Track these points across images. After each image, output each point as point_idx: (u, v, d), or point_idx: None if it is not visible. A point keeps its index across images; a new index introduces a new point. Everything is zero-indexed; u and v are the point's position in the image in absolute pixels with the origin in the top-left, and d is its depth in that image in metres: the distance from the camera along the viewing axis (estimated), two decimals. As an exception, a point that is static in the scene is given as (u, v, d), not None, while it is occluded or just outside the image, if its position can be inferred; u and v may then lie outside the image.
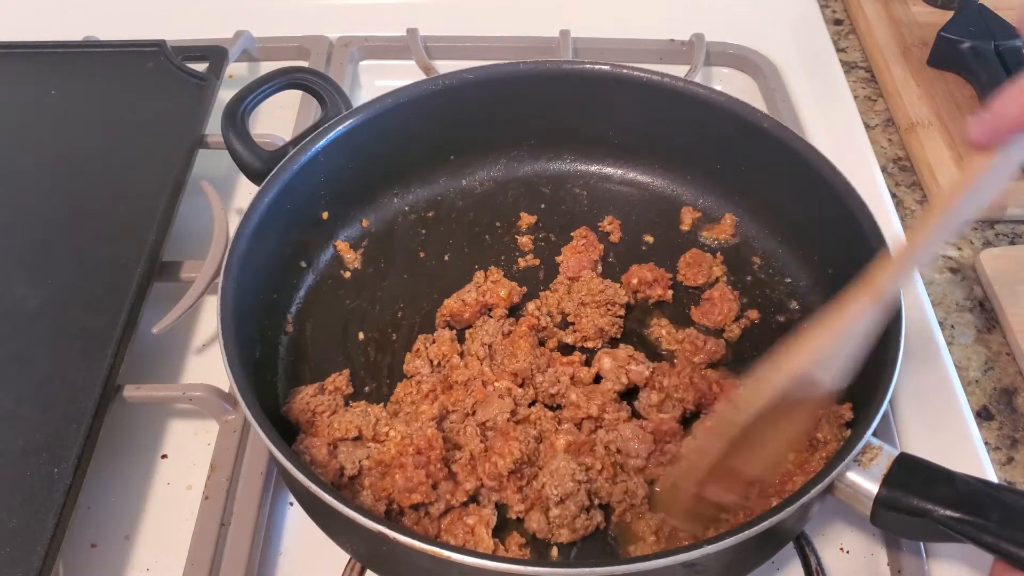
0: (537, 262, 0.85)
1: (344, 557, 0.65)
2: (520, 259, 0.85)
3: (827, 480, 0.57)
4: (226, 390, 0.73)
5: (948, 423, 0.74)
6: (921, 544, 0.66)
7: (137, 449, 0.74)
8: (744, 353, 0.78)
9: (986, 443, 0.74)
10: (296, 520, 0.70)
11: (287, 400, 0.72)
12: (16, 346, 0.72)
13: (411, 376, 0.74)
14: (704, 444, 0.60)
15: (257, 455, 0.71)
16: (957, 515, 0.56)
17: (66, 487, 0.63)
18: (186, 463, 0.74)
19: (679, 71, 0.93)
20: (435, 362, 0.75)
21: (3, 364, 0.71)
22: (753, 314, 0.80)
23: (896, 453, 0.60)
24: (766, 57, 1.09)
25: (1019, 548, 0.54)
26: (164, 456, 0.74)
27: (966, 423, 0.74)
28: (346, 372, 0.74)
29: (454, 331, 0.77)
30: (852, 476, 0.59)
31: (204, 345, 0.82)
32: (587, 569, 0.53)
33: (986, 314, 0.86)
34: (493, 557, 0.55)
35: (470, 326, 0.78)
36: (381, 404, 0.72)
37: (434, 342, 0.76)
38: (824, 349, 0.56)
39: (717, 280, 0.82)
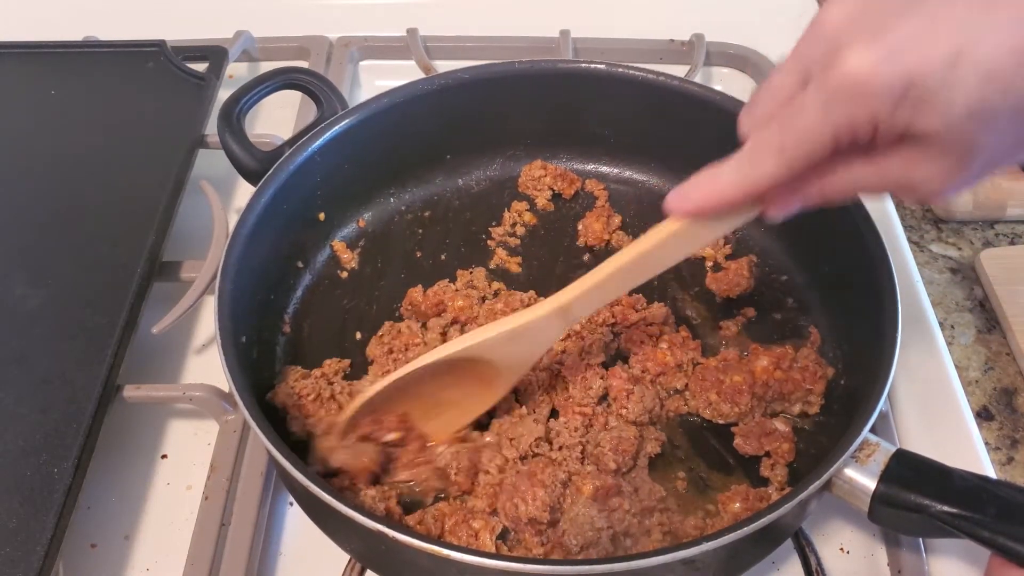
0: (532, 264, 0.85)
1: (344, 557, 0.65)
2: (514, 258, 0.85)
3: (825, 477, 0.57)
4: (226, 390, 0.73)
5: (948, 423, 0.74)
6: (921, 543, 0.66)
7: (137, 449, 0.74)
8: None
9: (986, 443, 0.74)
10: (296, 520, 0.70)
11: (272, 387, 0.72)
12: (16, 346, 0.72)
13: (372, 361, 0.76)
14: (369, 388, 0.67)
15: (257, 455, 0.71)
16: (954, 510, 0.56)
17: (66, 487, 0.63)
18: (186, 463, 0.74)
19: (679, 71, 0.93)
20: (391, 350, 0.75)
21: (3, 364, 0.71)
22: (750, 311, 0.80)
23: (893, 449, 0.60)
24: (766, 57, 1.08)
25: (1016, 543, 0.54)
26: (164, 456, 0.74)
27: (966, 423, 0.74)
28: (341, 362, 0.75)
29: (420, 323, 0.78)
30: (850, 472, 0.59)
31: (204, 345, 0.82)
32: (586, 566, 0.53)
33: (986, 314, 0.86)
34: (492, 555, 0.55)
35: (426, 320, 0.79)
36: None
37: (400, 332, 0.77)
38: (499, 340, 0.64)
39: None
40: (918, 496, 0.57)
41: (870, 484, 0.58)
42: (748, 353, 0.75)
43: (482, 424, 0.71)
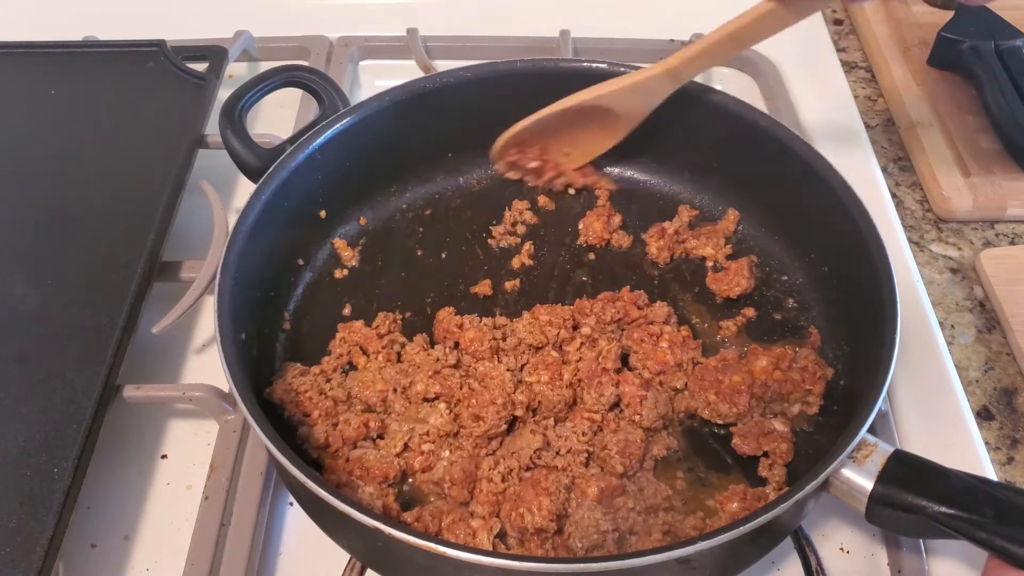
0: (531, 262, 0.85)
1: (344, 557, 0.65)
2: (515, 258, 0.85)
3: (822, 476, 0.57)
4: (226, 390, 0.73)
5: (948, 423, 0.74)
6: (921, 543, 0.66)
7: (137, 449, 0.74)
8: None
9: (986, 443, 0.75)
10: (296, 520, 0.70)
11: (270, 385, 0.72)
12: (16, 346, 0.72)
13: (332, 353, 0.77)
14: (519, 122, 0.85)
15: (257, 455, 0.71)
16: (951, 511, 0.56)
17: (66, 487, 0.63)
18: (186, 463, 0.74)
19: (679, 71, 0.93)
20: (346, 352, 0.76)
21: (3, 364, 0.71)
22: (749, 311, 0.80)
23: (891, 450, 0.60)
24: (766, 57, 1.09)
25: (1013, 544, 0.54)
26: (164, 456, 0.74)
27: (966, 423, 0.74)
28: (339, 359, 0.76)
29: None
30: (847, 473, 0.59)
31: (204, 345, 0.82)
32: (582, 564, 0.53)
33: (986, 314, 0.86)
34: (488, 552, 0.55)
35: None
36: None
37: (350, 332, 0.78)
38: (619, 92, 0.81)
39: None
40: (915, 497, 0.57)
41: (867, 485, 0.58)
42: (747, 353, 0.74)
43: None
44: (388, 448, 0.68)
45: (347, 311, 0.81)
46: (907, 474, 0.58)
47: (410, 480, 0.68)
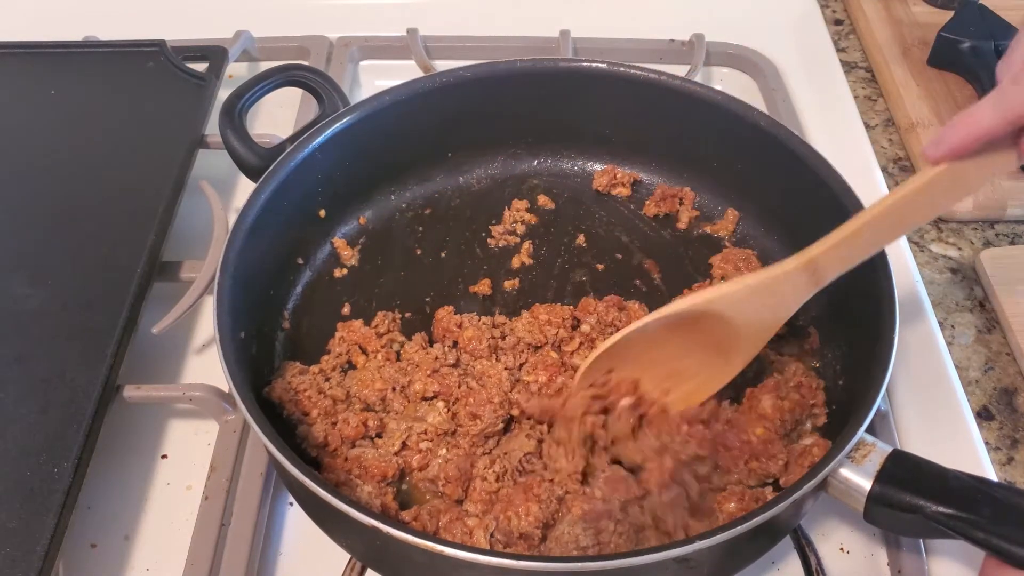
0: (531, 261, 0.85)
1: (344, 557, 0.65)
2: (515, 258, 0.85)
3: (820, 476, 0.57)
4: (226, 390, 0.73)
5: (948, 423, 0.74)
6: (921, 543, 0.66)
7: (137, 449, 0.75)
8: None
9: (986, 443, 0.75)
10: (296, 520, 0.70)
11: (269, 383, 0.72)
12: (16, 346, 0.72)
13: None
14: (613, 336, 0.66)
15: (257, 455, 0.71)
16: (949, 511, 0.56)
17: (66, 487, 0.63)
18: (186, 463, 0.74)
19: (679, 71, 0.93)
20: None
21: (3, 364, 0.71)
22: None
23: (889, 450, 0.60)
24: (766, 57, 1.09)
25: (1011, 544, 0.54)
26: (164, 456, 0.74)
27: (966, 423, 0.74)
28: (338, 358, 0.76)
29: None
30: (845, 472, 0.59)
31: (204, 345, 0.82)
32: (580, 563, 0.53)
33: (986, 314, 0.86)
34: (486, 551, 0.55)
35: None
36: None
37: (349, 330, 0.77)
38: (742, 294, 0.62)
39: None
40: (913, 497, 0.57)
41: (865, 484, 0.58)
42: (744, 400, 0.71)
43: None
44: (386, 447, 0.68)
45: (346, 310, 0.81)
46: (905, 474, 0.58)
47: (408, 478, 0.68)
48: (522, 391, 0.71)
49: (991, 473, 0.71)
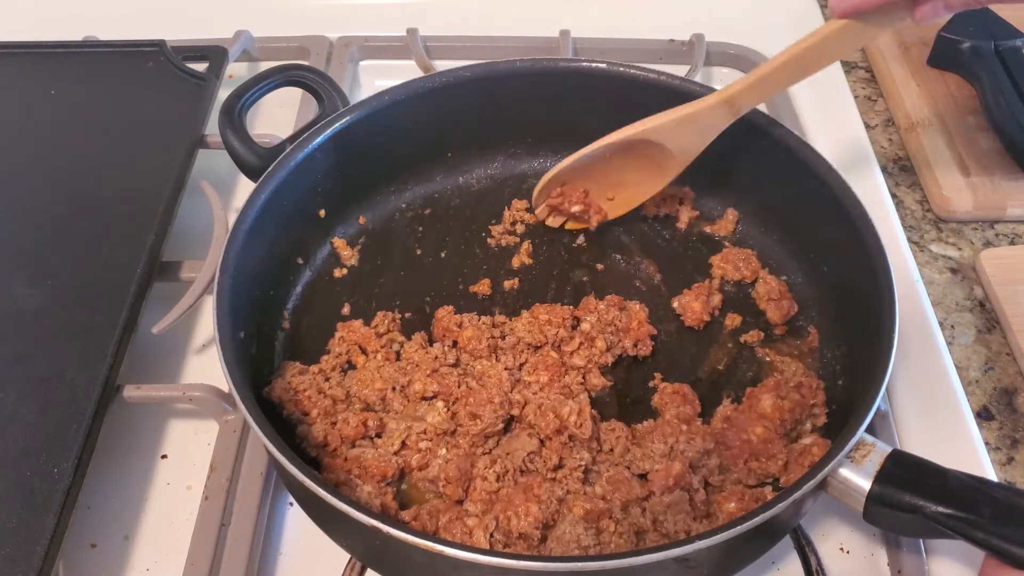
0: (530, 261, 0.85)
1: (344, 557, 0.65)
2: (515, 257, 0.85)
3: (820, 476, 0.57)
4: (226, 390, 0.73)
5: (948, 423, 0.74)
6: (921, 543, 0.66)
7: (137, 449, 0.75)
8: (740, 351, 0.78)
9: (986, 443, 0.75)
10: (296, 520, 0.70)
11: (269, 383, 0.72)
12: (16, 346, 0.72)
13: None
14: (561, 162, 0.80)
15: (257, 455, 0.71)
16: (949, 511, 0.56)
17: (66, 487, 0.63)
18: (186, 463, 0.74)
19: (679, 71, 0.93)
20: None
21: (3, 364, 0.71)
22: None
23: (889, 450, 0.60)
24: (766, 57, 1.08)
25: (1010, 544, 0.54)
26: (164, 456, 0.74)
27: (966, 423, 0.74)
28: (338, 357, 0.76)
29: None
30: (845, 472, 0.59)
31: (204, 345, 0.82)
32: (578, 563, 0.53)
33: (986, 314, 0.86)
34: (486, 551, 0.55)
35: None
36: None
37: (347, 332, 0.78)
38: (672, 124, 0.74)
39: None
40: (913, 497, 0.57)
41: (865, 484, 0.59)
42: (745, 399, 0.71)
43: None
44: (386, 447, 0.68)
45: (346, 310, 0.81)
46: (905, 474, 0.59)
47: (407, 478, 0.68)
48: (521, 391, 0.71)
49: (991, 473, 0.71)
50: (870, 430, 0.61)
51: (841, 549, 0.68)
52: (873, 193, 0.92)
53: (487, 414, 0.68)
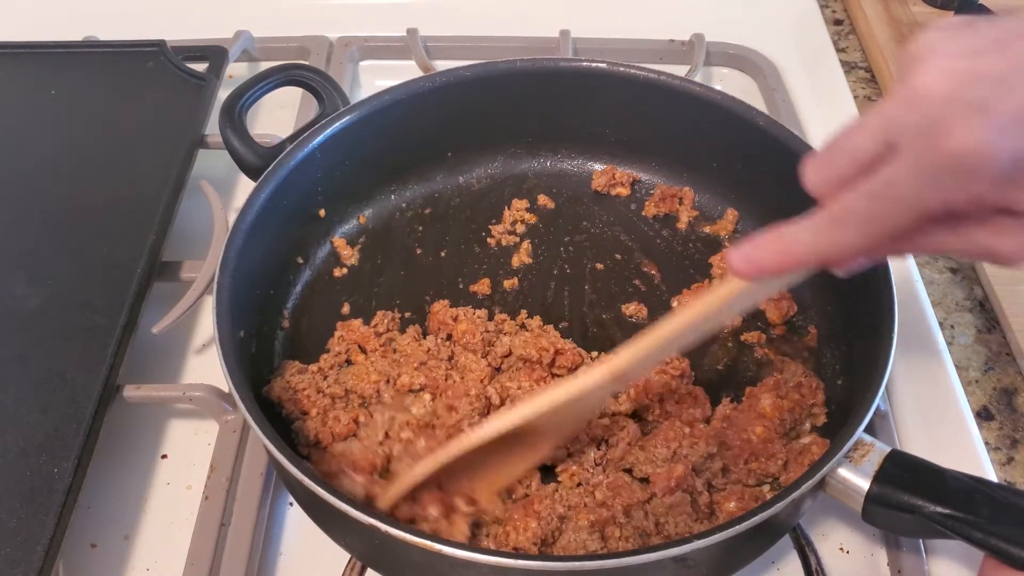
0: (530, 260, 0.85)
1: (344, 557, 0.65)
2: (514, 257, 0.86)
3: (818, 476, 0.57)
4: (226, 390, 0.73)
5: (948, 423, 0.74)
6: (921, 543, 0.66)
7: (137, 449, 0.74)
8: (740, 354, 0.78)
9: (986, 443, 0.74)
10: (296, 520, 0.70)
11: (268, 383, 0.72)
12: (16, 346, 0.72)
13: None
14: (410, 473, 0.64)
15: (257, 455, 0.71)
16: (947, 511, 0.56)
17: (66, 487, 0.63)
18: (186, 463, 0.74)
19: (679, 71, 0.93)
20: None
21: (3, 364, 0.71)
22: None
23: (888, 450, 0.60)
24: (766, 57, 1.09)
25: (1009, 544, 0.54)
26: (164, 456, 0.74)
27: (966, 423, 0.74)
28: (336, 356, 0.76)
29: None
30: (843, 472, 0.59)
31: (204, 345, 0.82)
32: (577, 563, 0.53)
33: (986, 314, 0.86)
34: (484, 550, 0.55)
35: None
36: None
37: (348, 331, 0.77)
38: (552, 409, 0.60)
39: None
40: (911, 497, 0.57)
41: (863, 484, 0.59)
42: (744, 399, 0.71)
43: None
44: (370, 437, 0.68)
45: (346, 310, 0.81)
46: (903, 474, 0.58)
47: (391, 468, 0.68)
48: (499, 388, 0.71)
49: (991, 473, 0.71)
50: (870, 430, 0.61)
51: (841, 549, 0.68)
52: (873, 193, 0.92)
53: (463, 406, 0.68)
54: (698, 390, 0.72)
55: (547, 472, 0.68)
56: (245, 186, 0.89)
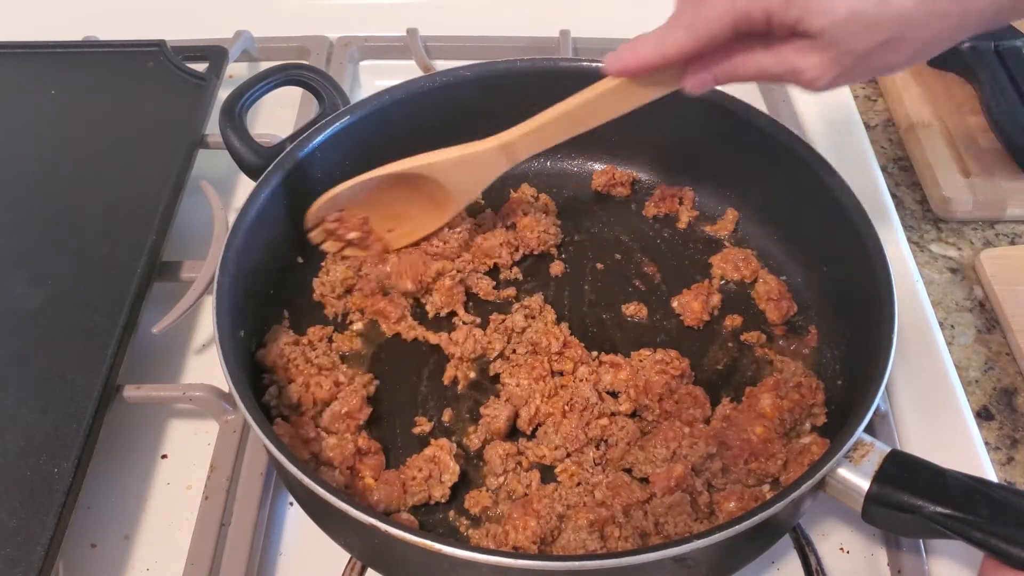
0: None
1: (344, 557, 0.65)
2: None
3: (818, 475, 0.57)
4: (226, 390, 0.73)
5: (948, 423, 0.74)
6: (921, 543, 0.66)
7: (137, 449, 0.74)
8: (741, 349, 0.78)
9: (986, 443, 0.75)
10: (296, 520, 0.70)
11: (263, 344, 0.74)
12: (16, 346, 0.72)
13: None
14: (340, 185, 0.77)
15: (257, 455, 0.71)
16: (947, 511, 0.56)
17: (66, 487, 0.63)
18: (186, 463, 0.74)
19: (679, 71, 0.93)
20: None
21: (3, 364, 0.71)
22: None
23: (887, 450, 0.60)
24: (766, 57, 1.08)
25: (1009, 544, 0.54)
26: (164, 456, 0.74)
27: (966, 423, 0.74)
28: (324, 328, 0.78)
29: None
30: (843, 472, 0.59)
31: (204, 345, 0.82)
32: (578, 562, 0.53)
33: (986, 314, 0.86)
34: (483, 550, 0.55)
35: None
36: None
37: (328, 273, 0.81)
38: (448, 164, 0.75)
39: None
40: (911, 497, 0.57)
41: (863, 484, 0.59)
42: (744, 398, 0.71)
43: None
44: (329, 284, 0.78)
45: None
46: (903, 474, 0.59)
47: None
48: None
49: (991, 473, 0.71)
50: (870, 430, 0.61)
51: (841, 549, 0.68)
52: (873, 193, 0.92)
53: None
54: (698, 390, 0.72)
55: (547, 472, 0.69)
56: (245, 186, 0.89)
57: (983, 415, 0.78)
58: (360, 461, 0.68)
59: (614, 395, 0.72)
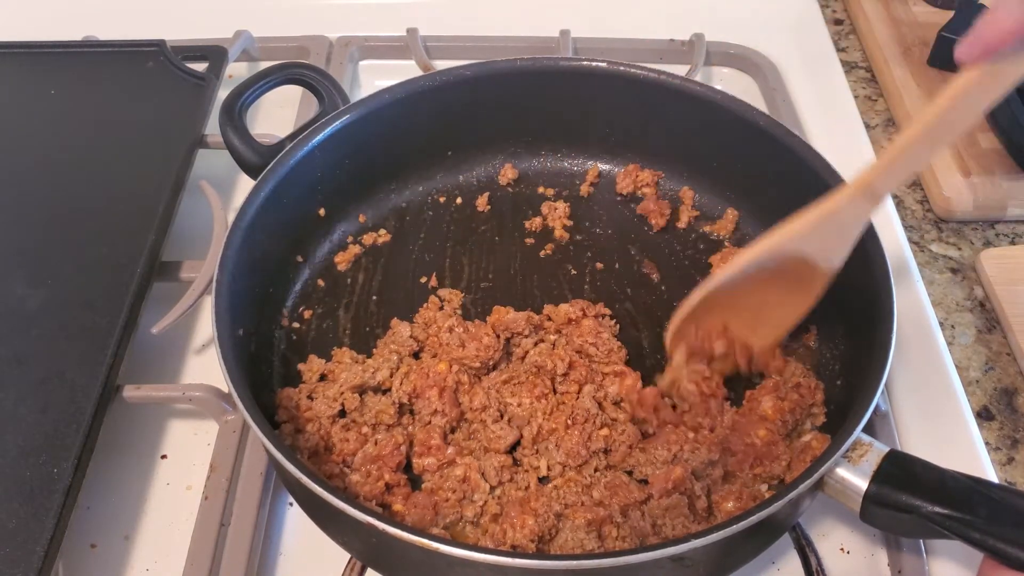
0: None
1: (344, 557, 0.65)
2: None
3: (816, 475, 0.57)
4: (225, 390, 0.73)
5: (948, 423, 0.74)
6: (921, 543, 0.66)
7: (137, 449, 0.75)
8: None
9: (986, 443, 0.75)
10: (296, 520, 0.70)
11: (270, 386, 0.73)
12: (16, 346, 0.72)
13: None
14: (691, 296, 0.69)
15: (257, 455, 0.71)
16: (946, 511, 0.56)
17: (66, 487, 0.63)
18: (186, 463, 0.74)
19: (679, 71, 0.93)
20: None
21: (3, 364, 0.71)
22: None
23: (886, 450, 0.60)
24: (766, 57, 1.09)
25: (1007, 545, 0.54)
26: (164, 456, 0.74)
27: (966, 423, 0.74)
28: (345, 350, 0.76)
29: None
30: (842, 472, 0.59)
31: (204, 345, 0.82)
32: (575, 561, 0.53)
33: (986, 314, 0.86)
34: (481, 549, 0.55)
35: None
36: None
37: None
38: (807, 229, 0.64)
39: None
40: (910, 497, 0.57)
41: (862, 484, 0.59)
42: (745, 402, 0.71)
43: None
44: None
45: (344, 309, 0.81)
46: (902, 474, 0.58)
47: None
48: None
49: (991, 473, 0.71)
50: (870, 430, 0.61)
51: (841, 549, 0.68)
52: (873, 193, 0.92)
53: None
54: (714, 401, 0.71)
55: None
56: (245, 186, 0.89)
57: (983, 415, 0.78)
58: (389, 494, 0.66)
59: (617, 403, 0.72)
